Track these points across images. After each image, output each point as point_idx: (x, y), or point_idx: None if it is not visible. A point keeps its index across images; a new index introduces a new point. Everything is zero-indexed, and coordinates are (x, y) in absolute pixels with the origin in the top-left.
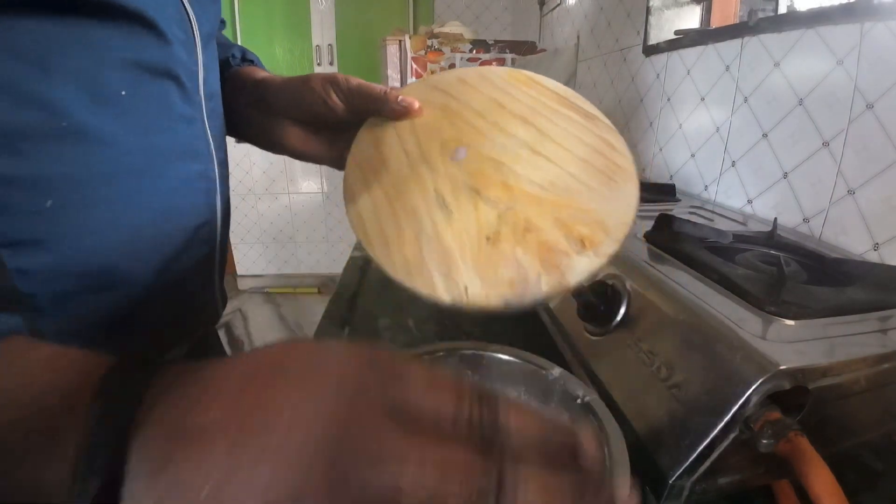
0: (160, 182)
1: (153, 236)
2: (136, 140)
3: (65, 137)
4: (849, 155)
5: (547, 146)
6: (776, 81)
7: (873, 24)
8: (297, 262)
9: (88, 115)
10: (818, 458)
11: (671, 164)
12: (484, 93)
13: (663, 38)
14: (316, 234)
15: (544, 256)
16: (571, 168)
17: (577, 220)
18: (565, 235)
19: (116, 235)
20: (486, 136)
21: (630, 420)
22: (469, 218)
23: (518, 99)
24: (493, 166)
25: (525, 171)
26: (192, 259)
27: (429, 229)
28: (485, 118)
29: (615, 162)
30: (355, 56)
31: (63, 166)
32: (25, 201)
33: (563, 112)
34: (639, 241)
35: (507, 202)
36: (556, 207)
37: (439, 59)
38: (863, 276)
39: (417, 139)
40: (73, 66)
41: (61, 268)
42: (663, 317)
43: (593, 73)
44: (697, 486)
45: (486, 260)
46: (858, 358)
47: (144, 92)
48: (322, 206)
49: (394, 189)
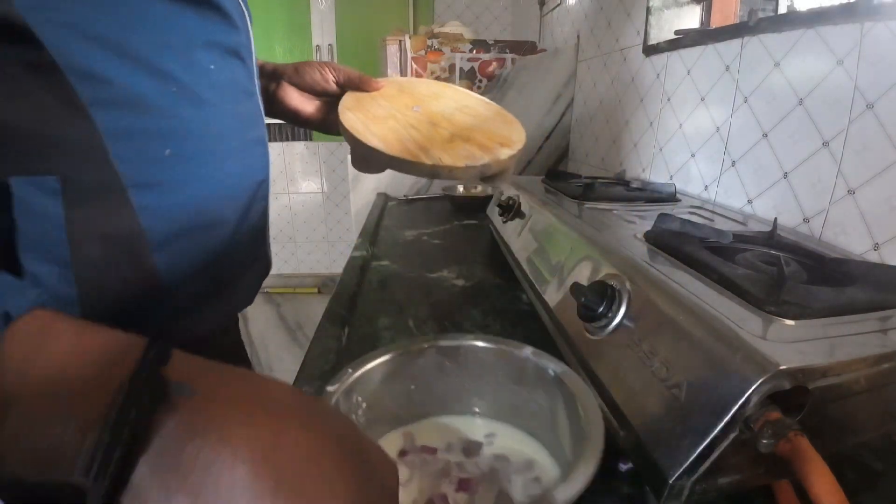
0: (241, 143)
1: (238, 187)
2: (226, 107)
3: (177, 99)
4: (849, 155)
5: (469, 109)
6: (776, 81)
7: (873, 24)
8: (297, 262)
9: (191, 83)
10: (818, 458)
11: (671, 164)
12: (427, 87)
13: (663, 38)
14: (316, 234)
15: (484, 148)
16: (485, 117)
17: (496, 136)
18: (492, 141)
19: (217, 184)
20: (431, 103)
21: (630, 420)
22: (431, 132)
23: (448, 91)
24: (439, 115)
25: (459, 118)
26: (257, 211)
27: (405, 135)
28: (428, 97)
29: (508, 118)
30: (355, 56)
31: (178, 122)
32: (149, 150)
33: (477, 98)
34: (639, 241)
35: (453, 129)
36: (482, 131)
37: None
38: (863, 276)
39: (386, 100)
40: (173, 42)
41: (176, 207)
42: (663, 317)
43: (593, 73)
44: (697, 486)
45: (449, 148)
46: (858, 358)
47: (224, 68)
48: (322, 206)
49: (376, 119)
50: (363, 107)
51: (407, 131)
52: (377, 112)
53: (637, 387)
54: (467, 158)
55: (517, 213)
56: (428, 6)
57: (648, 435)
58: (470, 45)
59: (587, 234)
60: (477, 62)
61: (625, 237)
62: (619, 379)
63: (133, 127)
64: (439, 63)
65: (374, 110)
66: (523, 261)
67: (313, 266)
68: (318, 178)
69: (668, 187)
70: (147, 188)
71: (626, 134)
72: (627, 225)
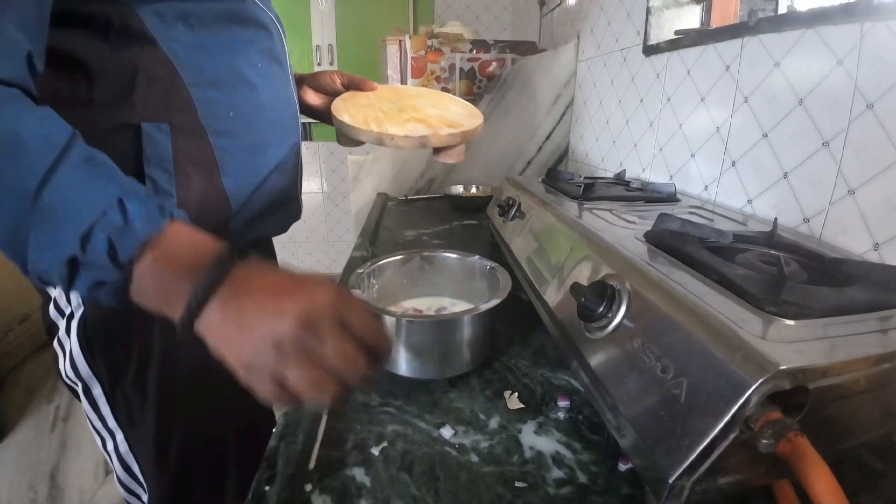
0: (280, 115)
1: (280, 142)
2: (270, 92)
3: (237, 83)
4: (849, 155)
5: (441, 105)
6: (776, 81)
7: (873, 24)
8: (298, 261)
9: (248, 72)
10: (818, 458)
11: (671, 164)
12: (416, 90)
13: (663, 38)
14: (316, 234)
15: (430, 126)
16: (450, 109)
17: (446, 121)
18: (441, 123)
19: (265, 136)
20: (410, 100)
21: (630, 420)
22: (394, 115)
23: (434, 94)
24: (410, 106)
25: (425, 108)
26: (293, 162)
27: (371, 115)
28: (412, 96)
29: (474, 113)
30: (355, 56)
31: (237, 97)
32: (221, 113)
33: (456, 99)
34: (639, 241)
35: (414, 114)
36: (438, 117)
37: (439, 59)
38: (863, 276)
39: (374, 97)
40: (234, 44)
41: (239, 149)
42: (663, 317)
43: (593, 73)
44: (697, 486)
45: (400, 123)
46: (858, 358)
47: (268, 65)
48: (322, 206)
49: (357, 106)
50: (353, 99)
51: (374, 113)
52: (361, 102)
53: (637, 387)
54: (410, 131)
55: (517, 213)
56: (428, 6)
57: (648, 435)
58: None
59: (587, 234)
60: (477, 62)
61: (625, 237)
62: (619, 379)
63: (213, 98)
64: (439, 63)
65: (359, 100)
66: (523, 261)
67: (313, 266)
68: (318, 178)
69: (668, 187)
70: (219, 134)
71: (626, 134)
72: (627, 225)
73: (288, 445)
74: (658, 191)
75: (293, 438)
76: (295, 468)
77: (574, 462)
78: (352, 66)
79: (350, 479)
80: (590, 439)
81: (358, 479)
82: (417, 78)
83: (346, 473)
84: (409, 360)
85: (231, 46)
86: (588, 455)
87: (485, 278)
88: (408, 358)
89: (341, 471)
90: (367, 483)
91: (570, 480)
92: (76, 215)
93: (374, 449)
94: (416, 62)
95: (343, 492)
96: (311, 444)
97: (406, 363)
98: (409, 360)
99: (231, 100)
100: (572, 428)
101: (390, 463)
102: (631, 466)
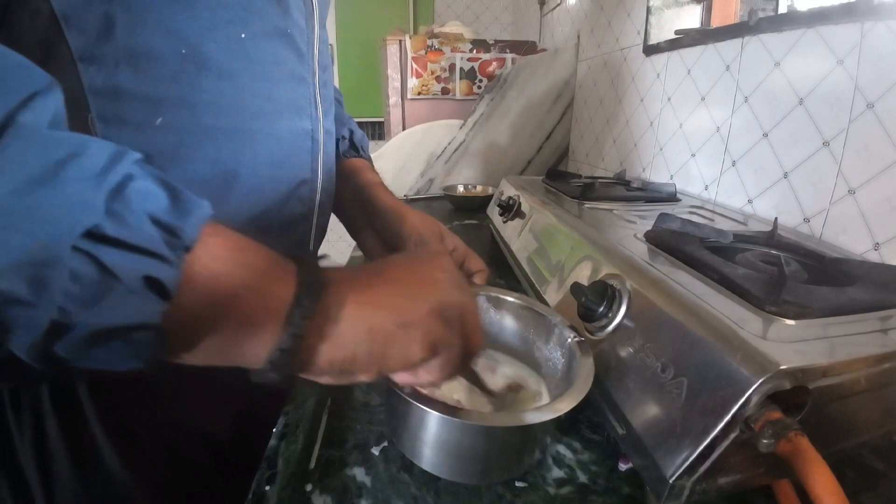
0: (269, 128)
1: (254, 178)
2: (254, 85)
3: (182, 63)
4: (849, 155)
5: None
6: (776, 81)
7: (873, 24)
8: None
9: (210, 47)
10: (819, 458)
11: (671, 164)
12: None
13: (663, 37)
14: None
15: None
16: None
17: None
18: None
19: (220, 168)
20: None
21: (630, 420)
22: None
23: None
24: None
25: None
26: (289, 214)
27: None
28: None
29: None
30: (355, 56)
31: (177, 88)
32: (138, 115)
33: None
34: (639, 240)
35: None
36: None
37: (439, 59)
38: (863, 276)
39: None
40: (198, 5)
41: (183, 178)
42: (663, 317)
43: (593, 73)
44: (697, 486)
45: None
46: (859, 358)
47: (262, 41)
48: None
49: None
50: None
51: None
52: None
53: (637, 387)
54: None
55: (517, 212)
56: (428, 6)
57: (648, 435)
58: (470, 45)
59: (587, 234)
60: (477, 62)
61: (625, 237)
62: (619, 379)
63: (122, 87)
64: (439, 63)
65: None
66: (523, 261)
67: None
68: None
69: (668, 187)
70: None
71: (626, 134)
72: (627, 225)
73: (288, 445)
74: (658, 190)
75: (293, 438)
76: (295, 468)
77: (574, 462)
78: (352, 67)
79: (350, 479)
80: (590, 439)
81: (358, 479)
82: (418, 78)
83: (347, 473)
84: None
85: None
86: (588, 455)
87: (558, 346)
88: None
89: (342, 470)
90: (367, 483)
91: (571, 480)
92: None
93: (375, 449)
94: (417, 62)
95: (343, 491)
96: (312, 444)
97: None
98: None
99: (161, 91)
100: (572, 428)
101: (391, 463)
102: (631, 466)
